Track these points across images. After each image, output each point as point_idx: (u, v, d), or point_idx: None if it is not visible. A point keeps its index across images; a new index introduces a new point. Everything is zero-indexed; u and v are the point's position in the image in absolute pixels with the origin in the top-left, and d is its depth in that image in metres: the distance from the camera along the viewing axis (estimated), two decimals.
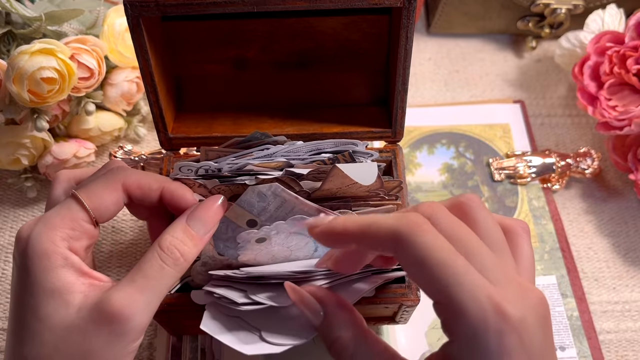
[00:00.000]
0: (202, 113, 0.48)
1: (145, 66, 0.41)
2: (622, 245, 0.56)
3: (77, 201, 0.34)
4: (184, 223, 0.35)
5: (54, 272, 0.32)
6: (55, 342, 0.31)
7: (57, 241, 0.32)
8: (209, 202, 0.36)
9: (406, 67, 0.42)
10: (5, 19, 0.51)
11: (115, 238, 0.55)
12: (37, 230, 0.33)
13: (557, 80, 0.68)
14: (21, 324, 0.32)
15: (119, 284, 0.32)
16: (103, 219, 0.35)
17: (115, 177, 0.36)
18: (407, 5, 0.39)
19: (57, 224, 0.33)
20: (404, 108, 0.45)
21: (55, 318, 0.31)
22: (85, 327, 0.31)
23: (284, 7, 0.39)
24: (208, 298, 0.36)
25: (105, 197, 0.35)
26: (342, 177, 0.36)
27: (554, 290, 0.52)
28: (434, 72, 0.68)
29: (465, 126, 0.63)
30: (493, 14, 0.68)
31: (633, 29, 0.55)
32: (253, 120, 0.48)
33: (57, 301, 0.31)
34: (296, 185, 0.37)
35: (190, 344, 0.47)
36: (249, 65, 0.48)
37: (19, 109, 0.50)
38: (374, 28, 0.46)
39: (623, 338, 0.51)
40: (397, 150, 0.46)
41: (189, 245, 0.35)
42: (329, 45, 0.47)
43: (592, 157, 0.59)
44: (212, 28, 0.45)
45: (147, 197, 0.36)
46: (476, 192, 0.58)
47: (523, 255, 0.33)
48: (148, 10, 0.38)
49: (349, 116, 0.48)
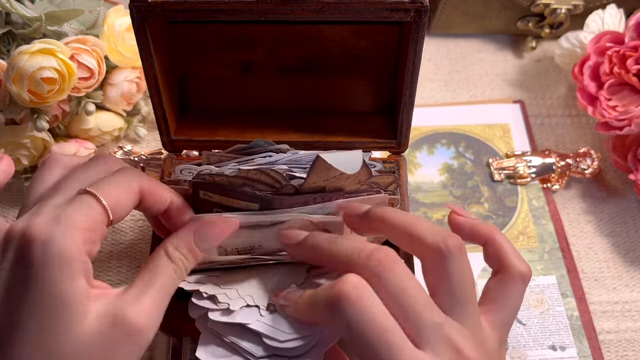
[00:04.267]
0: (206, 116, 0.48)
1: (150, 69, 0.41)
2: (622, 245, 0.56)
3: (97, 200, 0.31)
4: (194, 246, 0.34)
5: (74, 280, 0.29)
6: (75, 352, 0.29)
7: (80, 245, 0.30)
8: (224, 226, 0.35)
9: (413, 80, 0.42)
10: (5, 19, 0.51)
11: (115, 238, 0.55)
12: (60, 231, 0.29)
13: (557, 80, 0.68)
14: (22, 335, 0.29)
15: (133, 294, 0.31)
16: (116, 221, 0.33)
17: (132, 178, 0.33)
18: (417, 20, 0.38)
19: (80, 225, 0.30)
20: (409, 120, 0.44)
21: (75, 328, 0.29)
22: (110, 336, 0.30)
23: (292, 17, 0.38)
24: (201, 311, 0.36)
25: (123, 199, 0.32)
26: (327, 168, 0.35)
27: (554, 290, 0.52)
28: (434, 72, 0.68)
29: (465, 126, 0.63)
30: (493, 14, 0.68)
31: (633, 29, 0.55)
32: (257, 125, 0.47)
33: (76, 310, 0.29)
34: (282, 179, 0.36)
35: (190, 345, 0.47)
36: (255, 69, 0.47)
37: (19, 109, 0.50)
38: (383, 37, 0.45)
39: (623, 338, 0.51)
40: (400, 161, 0.46)
41: (192, 262, 0.34)
42: (336, 52, 0.46)
43: (592, 157, 0.59)
44: (218, 31, 0.45)
45: (157, 205, 0.35)
46: (476, 192, 0.58)
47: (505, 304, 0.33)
48: (154, 15, 0.38)
49: (353, 125, 0.47)
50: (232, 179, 0.36)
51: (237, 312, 0.35)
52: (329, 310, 0.30)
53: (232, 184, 0.36)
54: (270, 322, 0.34)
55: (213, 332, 0.35)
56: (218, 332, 0.35)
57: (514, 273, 0.33)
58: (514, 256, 0.34)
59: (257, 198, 0.36)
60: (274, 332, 0.34)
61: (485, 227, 0.35)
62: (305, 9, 0.37)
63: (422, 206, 0.57)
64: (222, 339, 0.34)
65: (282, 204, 0.36)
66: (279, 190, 0.36)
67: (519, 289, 0.33)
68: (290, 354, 0.33)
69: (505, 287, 0.33)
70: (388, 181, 0.39)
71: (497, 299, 0.33)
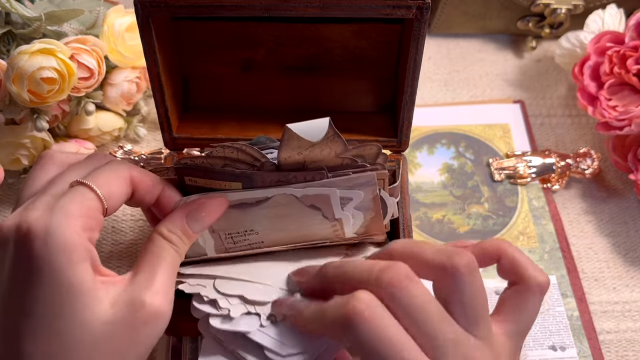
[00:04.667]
0: (208, 114, 0.48)
1: (153, 65, 0.41)
2: (622, 245, 0.56)
3: (91, 189, 0.31)
4: (187, 227, 0.35)
5: (81, 266, 0.29)
6: (94, 339, 0.29)
7: (80, 232, 0.30)
8: (213, 205, 0.36)
9: (415, 78, 0.42)
10: (5, 19, 0.51)
11: (115, 238, 0.55)
12: (56, 220, 0.29)
13: (557, 80, 0.68)
14: (34, 324, 0.29)
15: (144, 278, 0.31)
16: (111, 210, 0.33)
17: (123, 167, 0.34)
18: (419, 17, 0.38)
19: (76, 213, 0.30)
20: (410, 118, 0.44)
21: (90, 314, 0.29)
22: (130, 323, 0.30)
23: (295, 14, 0.38)
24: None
25: (115, 187, 0.33)
26: (296, 139, 0.34)
27: (554, 290, 0.52)
28: (434, 72, 0.68)
29: (465, 126, 0.63)
30: (493, 14, 0.68)
31: (633, 29, 0.55)
32: (258, 123, 0.47)
33: (87, 297, 0.29)
34: (260, 156, 0.36)
35: (190, 344, 0.47)
36: (256, 68, 0.48)
37: (19, 109, 0.50)
38: (384, 36, 0.45)
39: (623, 338, 0.51)
40: (401, 160, 0.46)
41: (187, 243, 0.35)
42: (337, 51, 0.46)
43: (592, 157, 0.59)
44: (221, 30, 0.45)
45: (148, 194, 0.35)
46: (476, 192, 0.58)
47: (522, 315, 0.32)
48: (158, 10, 0.38)
49: (353, 124, 0.47)
50: (212, 161, 0.36)
51: (238, 319, 0.34)
52: (340, 327, 0.29)
53: (213, 165, 0.36)
54: (272, 333, 0.34)
55: (215, 339, 0.35)
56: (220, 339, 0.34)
57: (532, 284, 0.33)
58: (531, 267, 0.33)
59: (238, 176, 0.36)
60: (276, 345, 0.33)
61: (490, 242, 0.34)
62: (308, 5, 0.38)
63: (422, 206, 0.57)
64: (224, 347, 0.34)
65: (263, 181, 0.36)
66: (260, 168, 0.36)
67: (537, 299, 0.33)
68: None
69: (523, 298, 0.33)
70: (373, 152, 0.37)
71: (514, 310, 0.33)
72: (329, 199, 0.36)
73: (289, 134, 0.34)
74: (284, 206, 0.37)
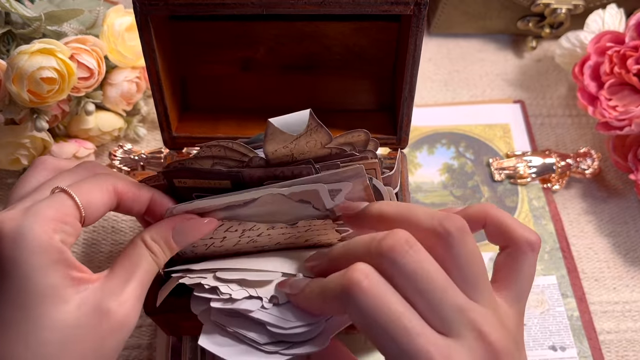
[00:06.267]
0: (207, 113, 0.48)
1: (152, 65, 0.41)
2: (622, 245, 0.56)
3: (69, 197, 0.32)
4: (171, 240, 0.34)
5: (51, 268, 0.29)
6: (61, 341, 0.30)
7: (51, 234, 0.30)
8: (202, 224, 0.35)
9: (413, 74, 0.42)
10: (5, 19, 0.51)
11: (115, 238, 0.55)
12: (28, 221, 0.29)
13: (557, 80, 0.68)
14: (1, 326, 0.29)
15: (115, 284, 0.31)
16: (90, 219, 0.33)
17: (107, 179, 0.34)
18: (417, 13, 0.38)
19: (50, 216, 0.30)
20: (409, 115, 0.45)
21: (56, 316, 0.29)
22: (93, 327, 0.30)
23: (294, 11, 0.38)
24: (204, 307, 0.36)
25: (96, 197, 0.33)
26: (279, 133, 0.34)
27: (554, 290, 0.52)
28: (434, 72, 0.68)
29: (465, 126, 0.63)
30: (493, 14, 0.68)
31: (633, 29, 0.55)
32: (257, 122, 0.47)
33: (54, 299, 0.29)
34: (247, 151, 0.35)
35: (190, 344, 0.47)
36: (256, 67, 0.48)
37: (19, 109, 0.50)
38: (383, 34, 0.45)
39: (623, 338, 0.51)
40: (401, 157, 0.46)
41: (168, 254, 0.35)
42: (336, 49, 0.46)
43: (592, 157, 0.59)
44: (220, 29, 0.45)
45: (136, 203, 0.35)
46: (476, 192, 0.58)
47: (518, 277, 0.32)
48: (157, 9, 0.38)
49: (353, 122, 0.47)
50: (201, 161, 0.36)
51: (240, 301, 0.34)
52: (341, 299, 0.29)
53: (201, 165, 0.36)
54: (274, 312, 0.34)
55: (216, 324, 0.35)
56: (221, 324, 0.34)
57: (522, 244, 0.32)
58: (518, 226, 0.33)
59: (226, 174, 0.36)
60: (279, 321, 0.33)
61: (475, 207, 0.34)
62: (307, 2, 0.38)
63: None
64: (226, 329, 0.34)
65: (252, 177, 0.36)
66: (249, 164, 0.36)
67: (530, 258, 0.32)
68: (296, 340, 0.33)
69: (516, 260, 0.32)
70: (361, 139, 0.36)
71: (510, 274, 0.32)
72: (317, 194, 0.36)
73: (272, 129, 0.34)
74: (273, 204, 0.37)
